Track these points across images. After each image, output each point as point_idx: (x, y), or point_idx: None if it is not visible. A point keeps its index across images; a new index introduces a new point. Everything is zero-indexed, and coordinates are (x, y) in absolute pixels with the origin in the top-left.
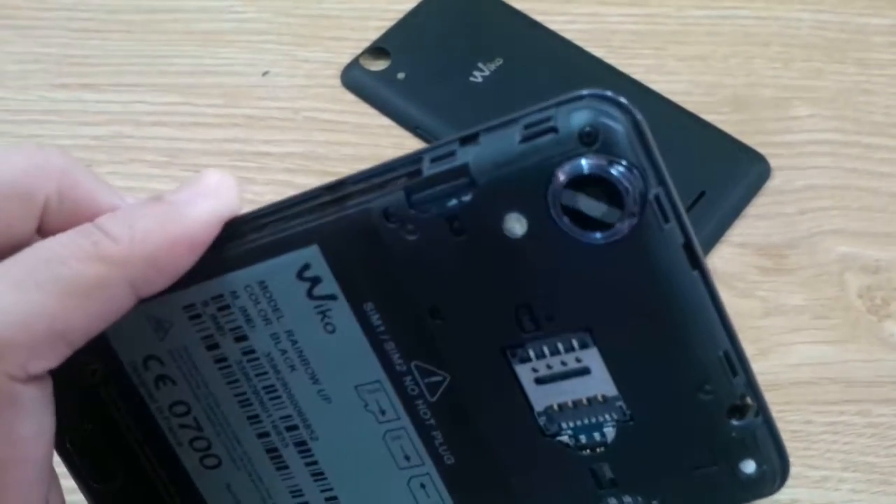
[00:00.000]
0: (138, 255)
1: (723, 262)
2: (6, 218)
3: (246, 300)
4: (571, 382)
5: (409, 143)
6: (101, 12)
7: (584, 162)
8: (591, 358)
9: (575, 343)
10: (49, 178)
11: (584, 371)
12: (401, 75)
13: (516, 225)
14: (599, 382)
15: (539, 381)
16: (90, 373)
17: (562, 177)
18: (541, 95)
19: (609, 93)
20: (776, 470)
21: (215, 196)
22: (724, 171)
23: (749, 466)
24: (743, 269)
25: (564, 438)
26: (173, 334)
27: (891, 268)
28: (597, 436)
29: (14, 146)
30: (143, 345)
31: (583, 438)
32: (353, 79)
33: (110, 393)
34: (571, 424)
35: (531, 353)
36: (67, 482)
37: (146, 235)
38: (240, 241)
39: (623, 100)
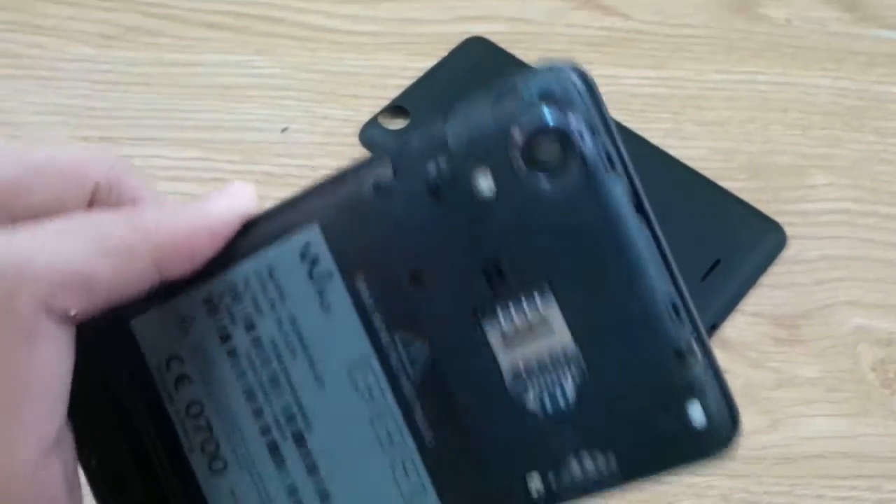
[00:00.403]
0: (164, 234)
1: (736, 331)
2: (61, 192)
3: (256, 288)
4: (536, 341)
5: None
6: (122, 64)
7: (542, 115)
8: (552, 313)
9: (538, 299)
10: (101, 167)
11: (547, 327)
12: None
13: (485, 183)
14: (560, 338)
15: (507, 342)
16: (117, 380)
17: (522, 130)
18: None
19: (568, 62)
20: (726, 421)
21: (235, 197)
22: (739, 240)
23: (697, 413)
24: (757, 339)
25: (530, 403)
26: (194, 330)
27: None
28: (560, 398)
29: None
30: (168, 344)
31: (547, 401)
32: (372, 137)
33: (135, 400)
34: (536, 387)
35: (499, 314)
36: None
37: (173, 219)
38: (252, 231)
39: (578, 65)
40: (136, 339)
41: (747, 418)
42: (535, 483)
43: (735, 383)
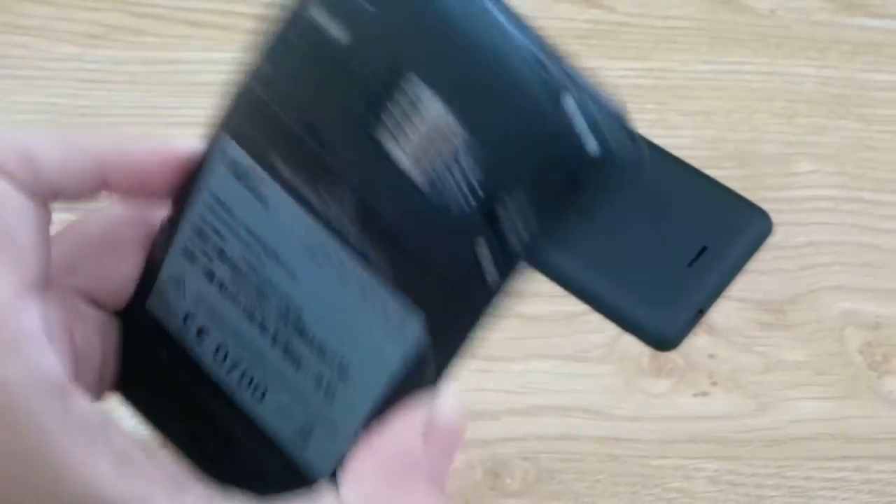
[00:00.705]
0: (112, 141)
1: (724, 317)
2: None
3: (212, 219)
4: (428, 137)
5: None
6: (107, 63)
7: None
8: (430, 101)
9: (417, 102)
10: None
11: (432, 119)
12: None
13: (340, 30)
14: (446, 123)
15: (409, 153)
16: (159, 361)
17: None
18: None
19: None
20: (615, 126)
21: (185, 140)
22: (726, 226)
23: (579, 123)
24: (744, 324)
25: (451, 200)
26: (188, 284)
27: (891, 324)
28: (470, 179)
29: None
30: (177, 307)
31: (463, 187)
32: None
33: (175, 370)
34: (449, 180)
35: (390, 126)
36: None
37: (125, 136)
38: (193, 176)
39: None
40: (155, 317)
41: (735, 402)
42: (483, 251)
43: (723, 368)
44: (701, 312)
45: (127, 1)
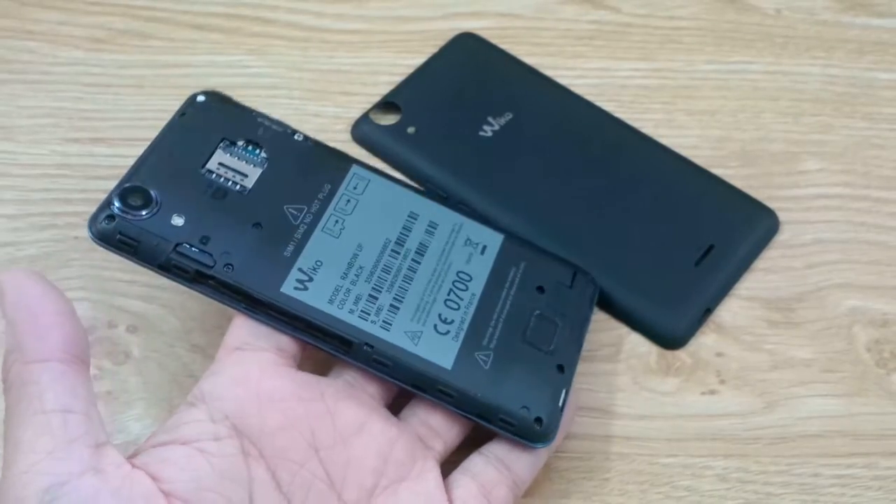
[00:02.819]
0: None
1: (731, 315)
2: None
3: None
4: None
5: None
6: (113, 67)
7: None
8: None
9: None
10: None
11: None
12: (411, 129)
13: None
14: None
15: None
16: None
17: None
18: (551, 150)
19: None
20: None
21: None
22: (732, 225)
23: None
24: (751, 323)
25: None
26: None
27: None
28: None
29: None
30: None
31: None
32: (364, 133)
33: None
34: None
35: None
36: None
37: None
38: None
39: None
40: None
41: (743, 400)
42: None
43: (731, 366)
44: (708, 311)
45: (132, 5)
